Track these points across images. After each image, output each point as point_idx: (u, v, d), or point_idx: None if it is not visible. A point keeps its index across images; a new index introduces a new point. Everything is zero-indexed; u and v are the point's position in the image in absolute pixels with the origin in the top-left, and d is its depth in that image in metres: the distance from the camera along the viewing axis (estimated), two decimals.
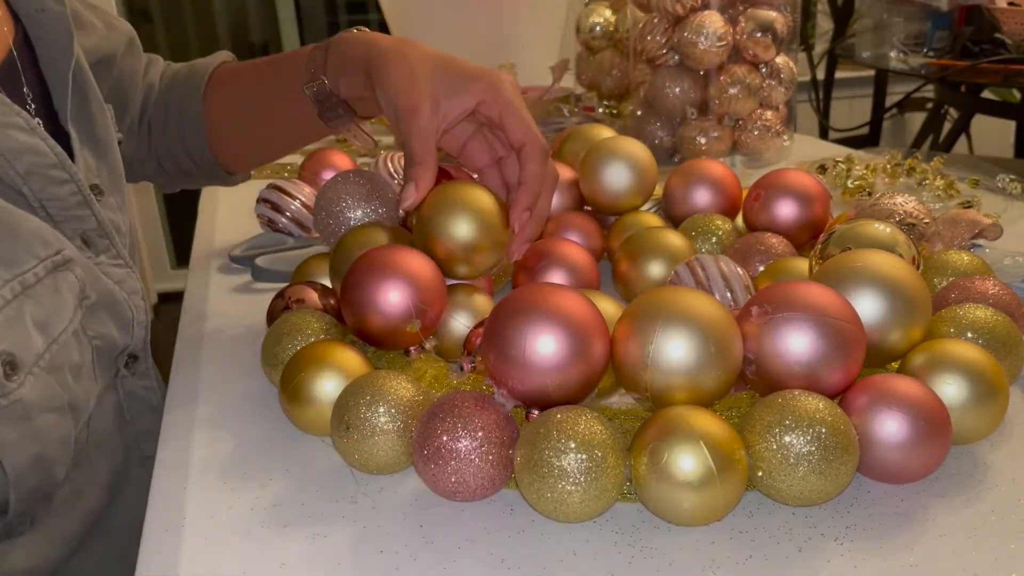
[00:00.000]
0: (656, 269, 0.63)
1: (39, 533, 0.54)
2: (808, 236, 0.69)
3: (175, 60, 0.80)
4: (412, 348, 0.55)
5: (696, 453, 0.40)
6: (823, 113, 2.39)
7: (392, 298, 0.52)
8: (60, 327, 0.49)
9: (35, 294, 0.48)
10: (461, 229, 0.55)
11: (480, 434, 0.43)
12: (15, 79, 0.56)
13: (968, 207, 0.77)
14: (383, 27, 1.47)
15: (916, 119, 2.63)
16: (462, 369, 0.51)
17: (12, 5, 0.59)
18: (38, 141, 0.52)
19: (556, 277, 0.62)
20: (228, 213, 0.95)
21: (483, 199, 0.57)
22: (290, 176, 0.97)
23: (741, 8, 0.96)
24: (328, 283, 0.61)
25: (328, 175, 0.78)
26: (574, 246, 0.64)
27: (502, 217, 0.57)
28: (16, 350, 0.46)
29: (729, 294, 0.54)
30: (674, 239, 0.64)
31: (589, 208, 0.76)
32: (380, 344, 0.54)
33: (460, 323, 0.56)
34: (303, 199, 0.77)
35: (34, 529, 0.53)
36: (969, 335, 0.50)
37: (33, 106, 0.57)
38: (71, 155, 0.57)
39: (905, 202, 0.63)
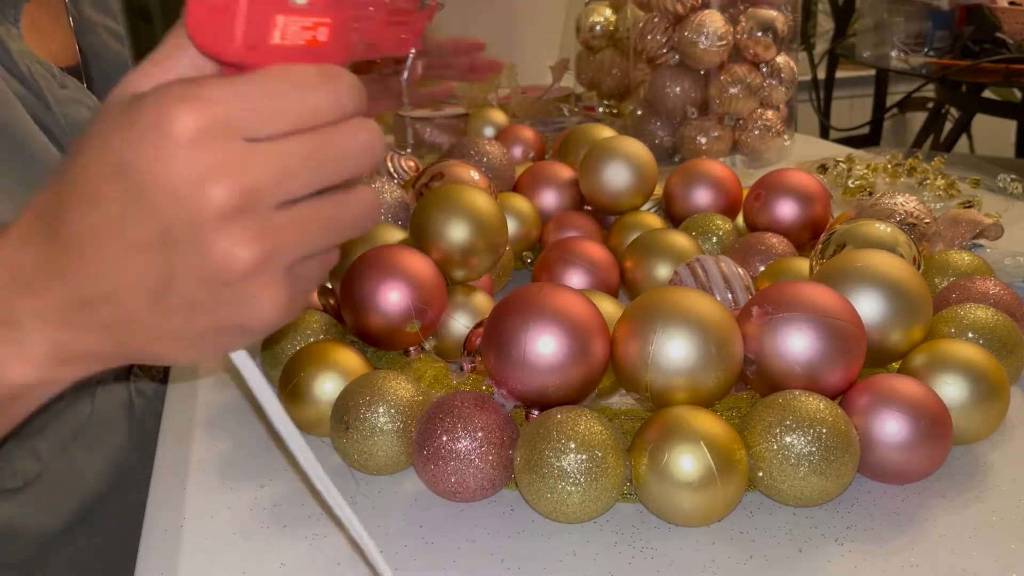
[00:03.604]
0: (663, 271, 0.63)
1: (31, 496, 0.56)
2: (808, 236, 0.69)
3: None
4: (412, 348, 0.54)
5: (696, 453, 0.40)
6: (824, 113, 2.39)
7: (392, 298, 0.52)
8: None
9: None
10: (457, 232, 0.55)
11: (480, 434, 0.43)
12: (80, 80, 0.61)
13: (969, 207, 0.77)
14: None
15: (917, 119, 2.62)
16: (462, 369, 0.51)
17: (79, 38, 0.63)
18: None
19: (576, 276, 0.62)
20: None
21: (480, 201, 0.56)
22: None
23: (742, 7, 0.96)
24: (327, 283, 0.61)
25: None
26: (594, 244, 0.64)
27: (499, 219, 0.57)
28: None
29: (729, 294, 0.54)
30: (680, 240, 0.64)
31: (589, 208, 0.76)
32: (380, 344, 0.54)
33: (460, 323, 0.56)
34: None
35: (26, 491, 0.55)
36: (970, 335, 0.50)
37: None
38: None
39: (906, 202, 0.63)
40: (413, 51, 0.42)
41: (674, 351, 0.44)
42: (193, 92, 0.29)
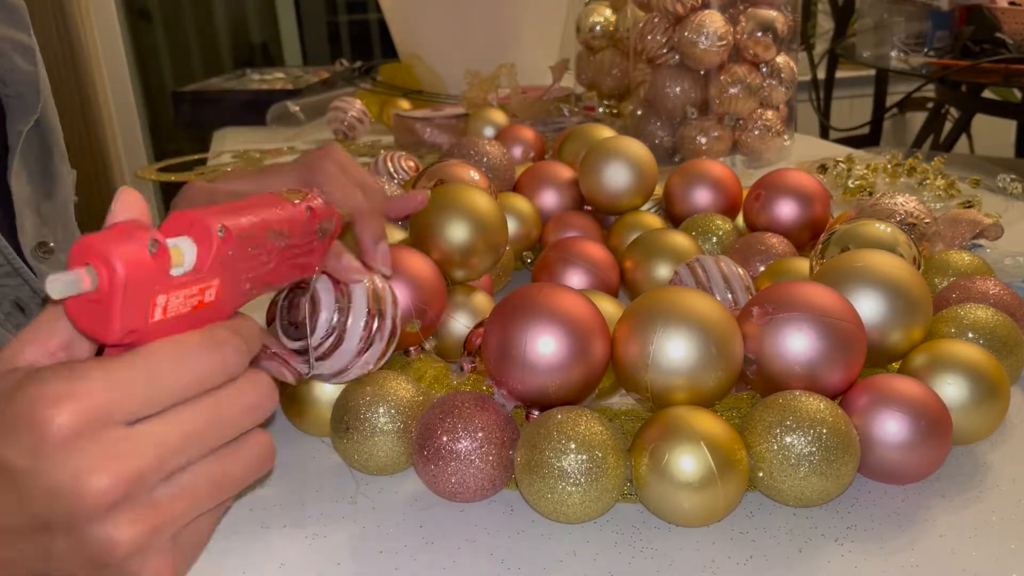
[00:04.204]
0: (663, 271, 0.63)
1: None
2: (808, 236, 0.69)
3: (175, 61, 0.80)
4: (412, 348, 0.54)
5: (697, 454, 0.40)
6: (823, 113, 2.39)
7: None
8: None
9: None
10: (457, 232, 0.55)
11: (480, 435, 0.43)
12: None
13: (969, 207, 0.77)
14: (383, 27, 1.47)
15: (917, 119, 2.62)
16: (462, 369, 0.51)
17: None
18: None
19: (576, 276, 0.62)
20: None
21: (480, 201, 0.56)
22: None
23: (742, 7, 0.96)
24: None
25: None
26: (594, 244, 0.64)
27: (499, 219, 0.57)
28: None
29: (730, 294, 0.54)
30: (680, 240, 0.64)
31: (589, 208, 0.76)
32: None
33: (460, 323, 0.56)
34: None
35: None
36: (970, 335, 0.50)
37: None
38: (11, 211, 0.56)
39: (906, 202, 0.63)
40: (317, 271, 0.40)
41: (674, 351, 0.44)
42: (67, 388, 0.28)
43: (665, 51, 0.96)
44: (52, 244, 0.59)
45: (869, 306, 0.48)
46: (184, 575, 0.33)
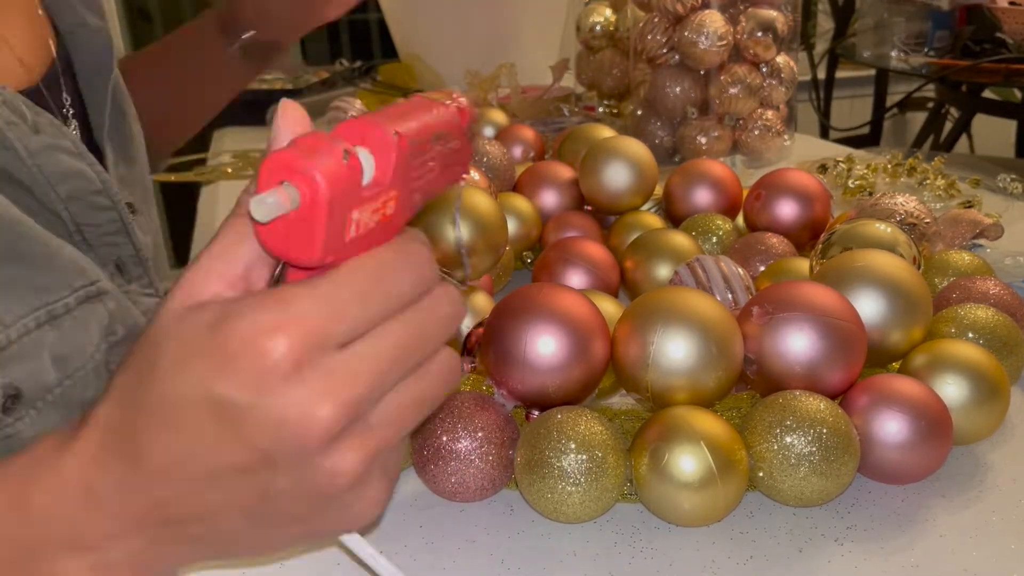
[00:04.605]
0: (663, 271, 0.63)
1: None
2: (809, 236, 0.69)
3: None
4: None
5: (697, 453, 0.40)
6: (824, 113, 2.39)
7: None
8: (79, 362, 0.45)
9: (60, 325, 0.44)
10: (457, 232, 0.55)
11: (480, 434, 0.43)
12: (57, 95, 0.54)
13: (969, 207, 0.77)
14: (383, 27, 1.47)
15: (917, 119, 2.62)
16: (462, 369, 0.51)
17: (54, 20, 0.57)
18: (84, 166, 0.49)
19: (576, 276, 0.62)
20: (227, 212, 0.94)
21: (480, 201, 0.56)
22: None
23: (742, 7, 0.96)
24: None
25: None
26: (594, 244, 0.64)
27: (499, 219, 0.57)
28: (23, 383, 0.42)
29: (730, 294, 0.54)
30: (680, 240, 0.64)
31: (589, 208, 0.76)
32: None
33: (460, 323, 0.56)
34: None
35: None
36: (970, 335, 0.50)
37: (75, 123, 0.55)
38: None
39: (906, 202, 0.63)
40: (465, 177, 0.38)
41: (674, 351, 0.44)
42: (282, 318, 0.27)
43: (665, 51, 0.96)
44: (135, 204, 0.57)
45: (869, 306, 0.48)
46: (386, 506, 0.32)
